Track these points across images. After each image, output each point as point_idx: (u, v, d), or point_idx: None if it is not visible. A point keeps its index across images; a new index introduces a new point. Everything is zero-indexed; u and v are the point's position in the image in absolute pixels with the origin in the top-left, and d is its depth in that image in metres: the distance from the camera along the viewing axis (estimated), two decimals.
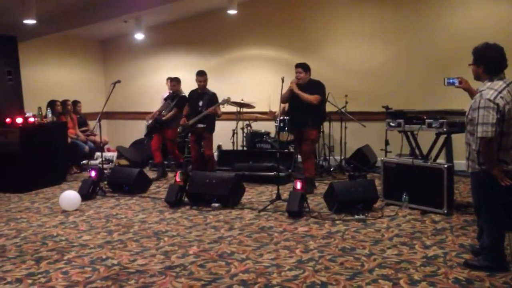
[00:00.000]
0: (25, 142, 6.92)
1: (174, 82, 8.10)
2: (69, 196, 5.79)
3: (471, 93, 4.09)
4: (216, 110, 7.26)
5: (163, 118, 7.78)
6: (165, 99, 8.24)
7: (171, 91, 8.12)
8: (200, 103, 7.34)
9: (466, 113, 3.71)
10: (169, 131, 7.80)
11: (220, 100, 7.35)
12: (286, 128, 7.71)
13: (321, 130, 7.82)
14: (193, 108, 7.41)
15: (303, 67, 6.47)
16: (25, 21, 7.32)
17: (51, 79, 9.47)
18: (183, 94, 8.02)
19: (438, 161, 5.67)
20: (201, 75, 7.39)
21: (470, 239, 4.39)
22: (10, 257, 4.14)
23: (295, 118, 6.57)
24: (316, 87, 6.47)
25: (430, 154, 5.67)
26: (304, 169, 6.64)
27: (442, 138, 5.63)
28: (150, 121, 8.00)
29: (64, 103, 8.62)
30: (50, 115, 7.71)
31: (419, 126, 5.48)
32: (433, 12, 8.25)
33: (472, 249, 4.06)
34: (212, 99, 7.38)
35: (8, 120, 6.98)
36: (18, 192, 6.77)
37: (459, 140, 5.84)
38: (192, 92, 7.57)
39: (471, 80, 4.04)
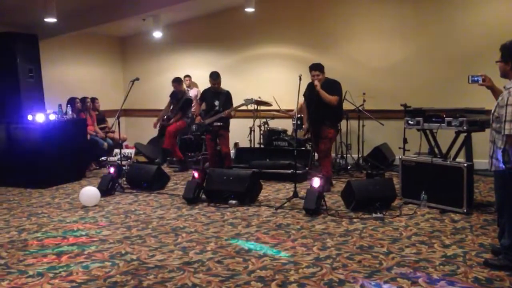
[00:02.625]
0: (45, 139, 7.03)
1: (175, 83, 8.50)
2: (89, 192, 5.87)
3: (494, 91, 4.04)
4: (232, 113, 7.31)
5: (170, 122, 8.41)
6: (171, 96, 8.65)
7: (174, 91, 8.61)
8: (216, 103, 7.37)
9: (492, 111, 3.64)
10: (172, 124, 8.35)
11: (235, 98, 7.39)
12: (303, 126, 7.69)
13: (339, 128, 7.80)
14: (209, 107, 7.44)
15: (320, 69, 6.39)
16: (46, 20, 7.44)
17: (71, 77, 9.60)
18: (188, 97, 8.32)
19: (458, 160, 5.61)
20: (215, 78, 7.38)
21: (490, 238, 4.34)
22: (32, 251, 4.21)
23: (313, 116, 6.55)
24: (334, 86, 6.42)
25: (450, 152, 5.61)
26: (322, 167, 6.62)
27: (461, 137, 5.57)
28: (158, 127, 8.70)
29: (83, 100, 8.74)
30: (70, 112, 7.81)
31: (438, 124, 5.42)
32: (453, 8, 8.16)
33: (492, 249, 4.01)
34: (227, 98, 7.40)
35: (29, 117, 7.09)
36: (39, 188, 6.90)
37: (479, 138, 5.80)
38: (207, 91, 7.60)
39: (495, 78, 3.99)
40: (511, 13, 7.72)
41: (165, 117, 8.69)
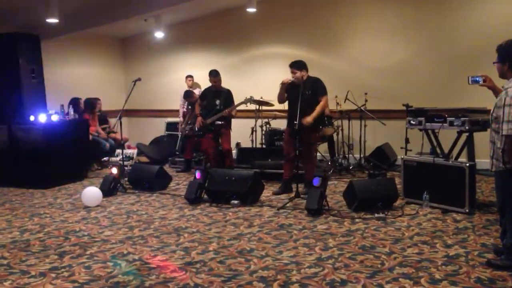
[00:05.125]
0: (48, 139, 7.05)
1: (187, 98, 8.49)
2: (91, 192, 5.88)
3: (496, 91, 4.03)
4: (233, 112, 7.28)
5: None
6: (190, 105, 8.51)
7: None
8: (217, 102, 7.35)
9: (491, 111, 3.65)
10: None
11: (236, 98, 7.38)
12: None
13: (340, 128, 7.81)
14: (210, 107, 7.40)
15: (296, 66, 6.18)
16: (48, 20, 7.47)
17: (73, 77, 9.61)
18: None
19: (460, 159, 5.60)
20: (215, 76, 7.37)
21: (492, 238, 4.34)
22: (34, 251, 4.22)
23: (295, 118, 5.99)
24: (318, 85, 6.18)
25: (452, 152, 5.60)
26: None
27: (463, 137, 5.56)
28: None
29: (86, 101, 8.77)
30: (72, 113, 7.82)
31: (440, 124, 5.41)
32: (455, 8, 8.15)
33: (494, 249, 4.01)
34: (228, 96, 7.39)
35: (31, 117, 7.10)
36: (41, 188, 6.90)
37: (481, 138, 5.79)
38: (207, 90, 7.60)
39: (495, 78, 3.99)
40: (510, 14, 7.70)
41: (187, 127, 8.40)
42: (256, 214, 5.38)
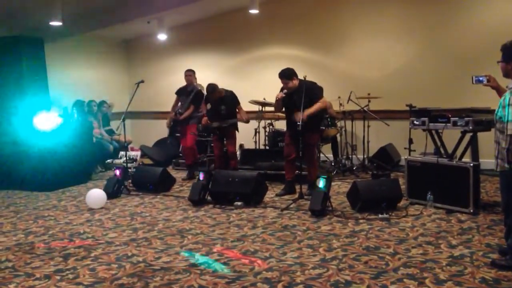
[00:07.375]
0: (51, 142, 7.06)
1: (189, 72, 7.82)
2: (95, 195, 5.89)
3: (499, 91, 4.03)
4: (246, 118, 7.15)
5: (181, 117, 7.71)
6: (178, 93, 7.98)
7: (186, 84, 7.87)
8: (222, 107, 7.22)
9: (496, 111, 3.64)
10: (189, 126, 7.75)
11: (240, 99, 7.34)
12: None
13: (344, 129, 7.79)
14: (215, 112, 7.29)
15: (286, 77, 6.05)
16: (52, 23, 7.49)
17: (76, 79, 9.63)
18: (199, 89, 7.88)
19: (464, 159, 5.59)
20: (213, 92, 7.06)
21: (497, 238, 4.32)
22: (39, 254, 4.23)
23: (295, 122, 5.99)
24: (311, 90, 6.03)
25: (455, 152, 5.58)
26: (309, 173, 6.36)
27: (467, 137, 5.55)
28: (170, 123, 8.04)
29: (89, 103, 8.80)
30: (75, 115, 7.84)
31: (444, 124, 5.40)
32: (458, 8, 8.14)
33: (499, 249, 3.99)
34: (233, 99, 7.27)
35: (35, 120, 7.12)
36: (45, 191, 6.92)
37: (485, 138, 5.78)
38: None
39: (499, 78, 3.98)
40: None
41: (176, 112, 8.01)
42: (259, 216, 5.38)
